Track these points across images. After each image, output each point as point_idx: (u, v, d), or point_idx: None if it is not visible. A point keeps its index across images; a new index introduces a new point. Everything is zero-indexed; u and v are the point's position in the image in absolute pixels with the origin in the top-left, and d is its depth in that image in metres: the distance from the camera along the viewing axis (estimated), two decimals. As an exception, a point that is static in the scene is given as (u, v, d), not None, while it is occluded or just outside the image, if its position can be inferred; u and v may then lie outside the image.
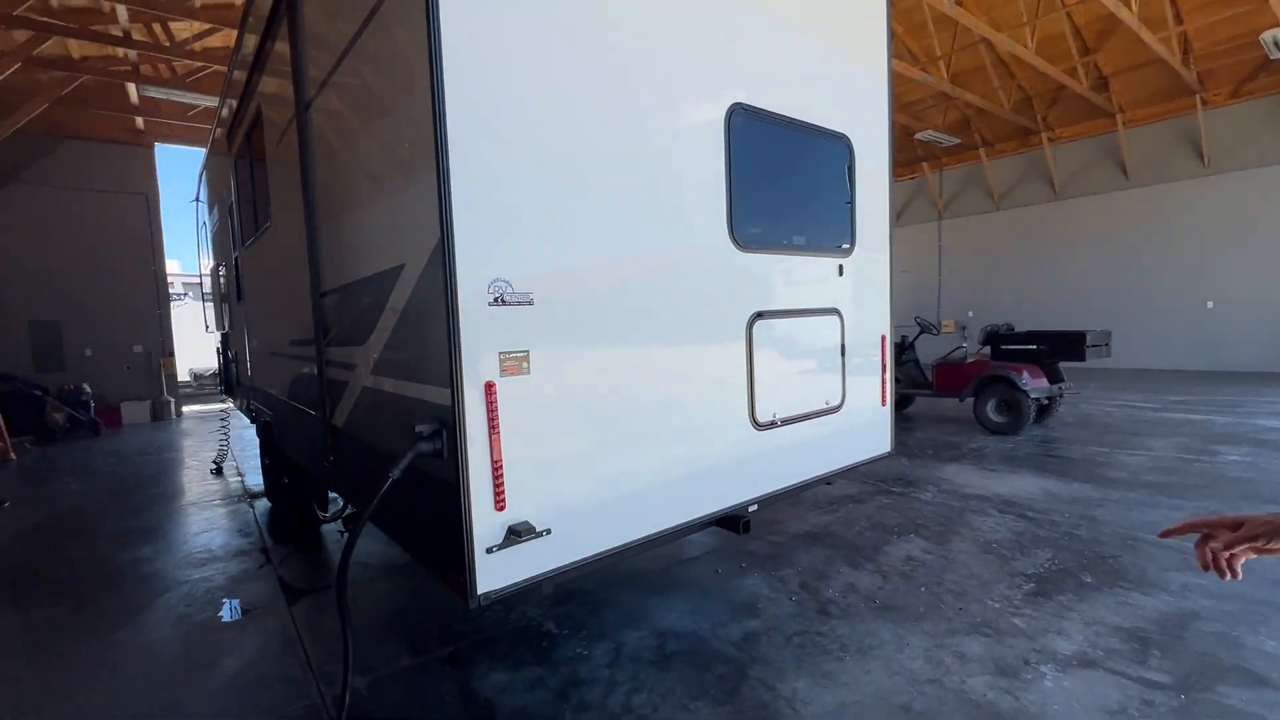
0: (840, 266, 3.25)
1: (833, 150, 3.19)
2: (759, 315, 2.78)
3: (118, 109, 11.62)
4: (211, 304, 7.60)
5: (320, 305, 3.02)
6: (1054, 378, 7.45)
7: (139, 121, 12.20)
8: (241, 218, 5.18)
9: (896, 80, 13.01)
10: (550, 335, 2.05)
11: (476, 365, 1.87)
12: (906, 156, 17.28)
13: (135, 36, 9.24)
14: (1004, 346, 7.78)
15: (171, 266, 13.40)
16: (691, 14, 2.49)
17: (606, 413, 2.22)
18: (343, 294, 2.75)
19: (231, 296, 6.38)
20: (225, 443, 7.71)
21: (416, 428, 1.89)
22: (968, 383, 7.69)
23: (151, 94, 10.13)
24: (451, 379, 1.83)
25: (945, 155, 16.80)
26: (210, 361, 16.63)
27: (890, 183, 3.57)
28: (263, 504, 5.75)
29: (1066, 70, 11.95)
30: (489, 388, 1.89)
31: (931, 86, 11.36)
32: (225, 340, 7.57)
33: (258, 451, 5.97)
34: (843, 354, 3.28)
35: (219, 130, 6.00)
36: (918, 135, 14.15)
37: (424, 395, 2.03)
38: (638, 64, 2.32)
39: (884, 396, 3.55)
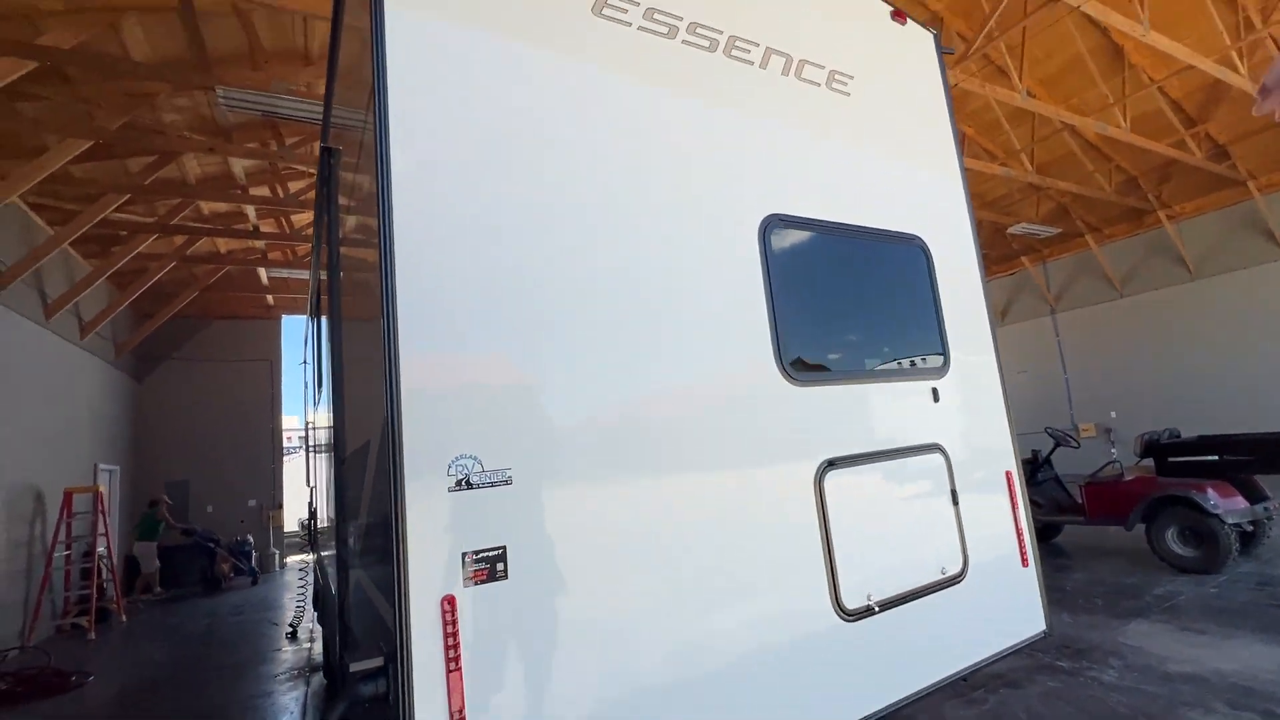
0: (934, 390, 2.59)
1: (905, 255, 2.68)
2: (830, 464, 2.17)
3: (252, 289, 13.34)
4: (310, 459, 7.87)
5: (340, 473, 2.76)
6: (1253, 495, 5.86)
7: (269, 298, 13.91)
8: (310, 379, 5.34)
9: (977, 178, 12.51)
10: (537, 524, 1.57)
11: (429, 573, 1.41)
12: (1001, 253, 16.26)
13: (263, 229, 10.71)
14: (1173, 459, 6.33)
15: (289, 421, 14.54)
16: (709, 124, 2.20)
17: (620, 625, 1.64)
18: (350, 463, 2.47)
19: (311, 454, 6.52)
20: (303, 605, 7.57)
21: (352, 666, 1.41)
22: (1133, 506, 6.23)
23: (278, 274, 11.54)
24: (395, 593, 1.37)
25: (1046, 246, 15.63)
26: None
27: (983, 283, 2.96)
28: (319, 679, 5.35)
29: (1173, 144, 10.96)
30: (447, 604, 1.41)
31: (1016, 180, 10.72)
32: (312, 495, 7.72)
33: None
34: (955, 502, 2.52)
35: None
36: (1010, 230, 13.28)
37: (379, 609, 1.58)
38: (640, 180, 2.01)
39: (1023, 554, 2.68)
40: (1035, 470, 7.21)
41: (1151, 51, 7.24)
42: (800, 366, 2.19)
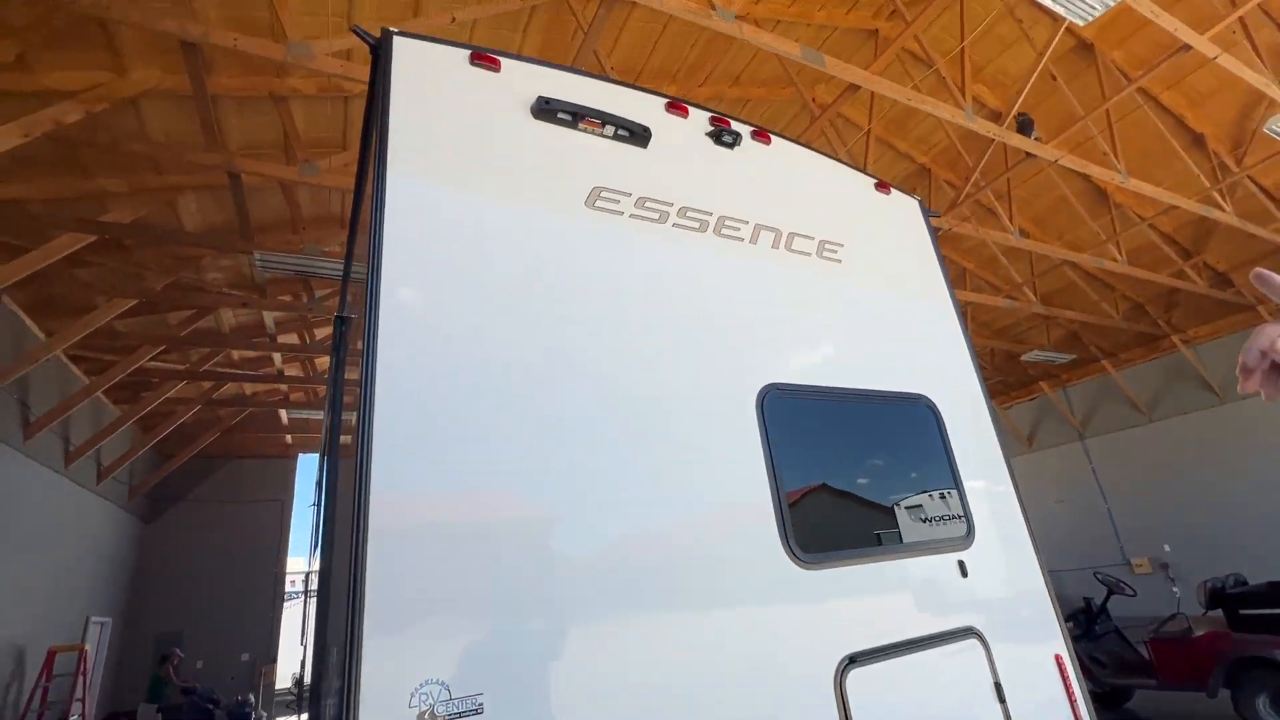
0: (960, 563, 2.39)
1: (912, 416, 2.60)
2: (852, 661, 1.93)
3: (272, 430, 13.54)
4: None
5: (324, 630, 2.55)
6: (1345, 654, 5.19)
7: (288, 438, 14.07)
8: (314, 521, 5.19)
9: (983, 309, 12.74)
10: (510, 763, 1.37)
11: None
12: (1018, 379, 16.15)
13: (288, 372, 11.09)
14: (1245, 611, 5.72)
15: (294, 564, 14.06)
16: (702, 298, 2.25)
17: None
18: (335, 616, 2.27)
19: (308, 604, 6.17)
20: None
21: None
22: (1212, 668, 5.53)
23: (298, 415, 11.75)
24: None
25: (1063, 372, 15.52)
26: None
27: (1000, 440, 2.84)
28: None
29: (1173, 274, 11.19)
30: None
31: (1023, 310, 10.90)
32: (304, 652, 7.20)
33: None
34: (1000, 698, 2.21)
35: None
36: (1024, 357, 13.28)
37: None
38: (632, 357, 2.00)
39: (1090, 761, 2.30)
40: (1091, 623, 6.54)
41: (1136, 192, 7.61)
42: (809, 546, 2.03)
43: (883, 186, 2.96)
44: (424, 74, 2.10)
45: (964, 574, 2.37)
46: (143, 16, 4.10)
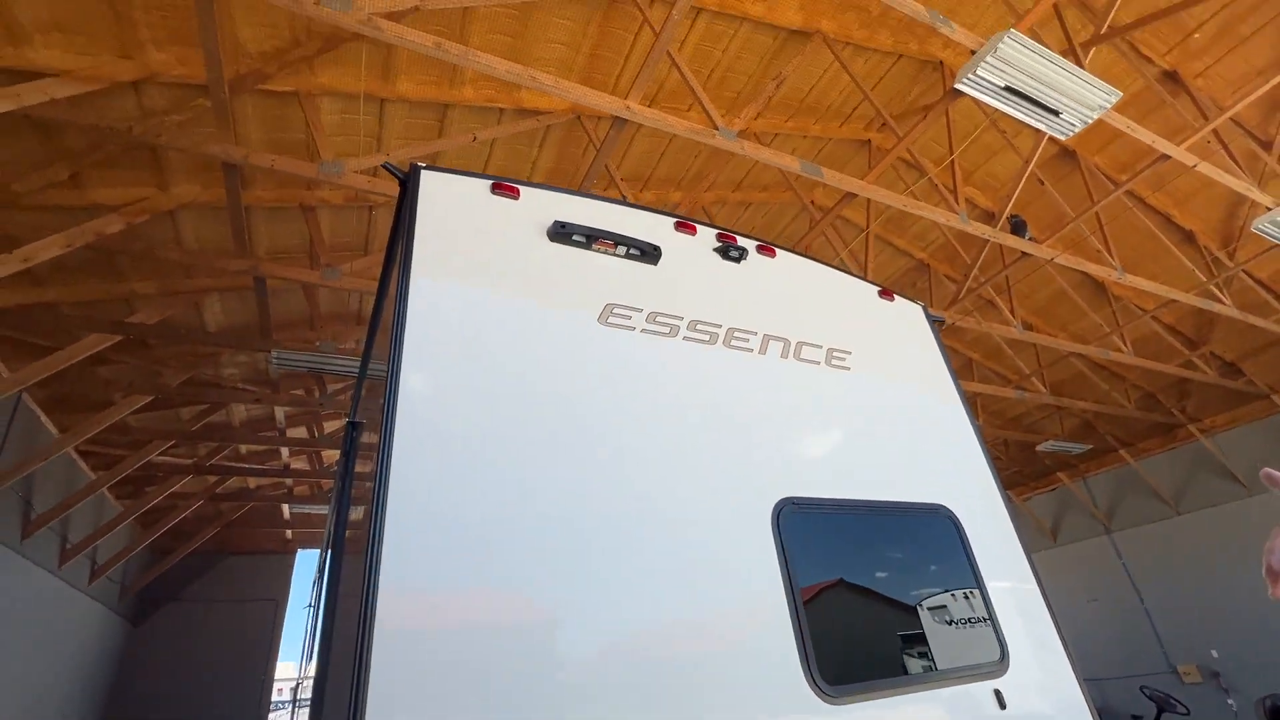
0: (997, 693, 2.23)
1: (933, 528, 2.53)
2: (888, 815, 1.76)
3: (273, 525, 13.27)
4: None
5: None
6: None
7: (288, 533, 13.75)
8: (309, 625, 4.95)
9: (993, 399, 12.68)
10: None
11: None
12: (1036, 469, 15.78)
13: (293, 465, 11.02)
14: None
15: (284, 670, 13.27)
16: (713, 410, 2.26)
17: None
18: None
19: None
20: None
21: None
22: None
23: (301, 509, 11.55)
24: None
25: (1081, 462, 15.17)
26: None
27: (1027, 552, 2.73)
28: None
29: (1182, 364, 11.18)
30: None
31: (1033, 400, 10.83)
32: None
33: None
34: None
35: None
36: (1039, 448, 13.04)
37: None
38: (642, 473, 1.98)
39: None
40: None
41: (1134, 287, 7.76)
42: (833, 675, 1.91)
43: (886, 293, 3.04)
44: (448, 203, 2.24)
45: (1002, 706, 2.21)
46: (190, 142, 4.46)
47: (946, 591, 2.40)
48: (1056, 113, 4.80)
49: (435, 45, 3.93)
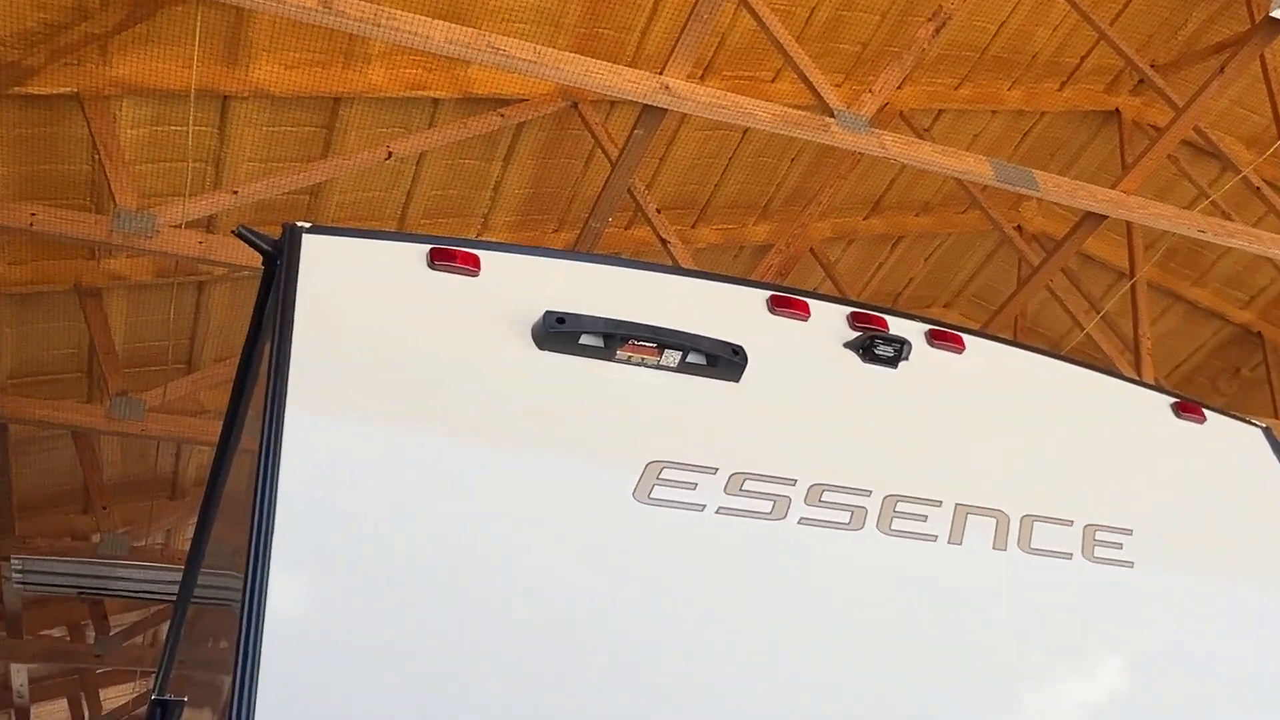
0: None
1: None
2: None
3: None
4: None
5: None
6: None
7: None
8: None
9: None
10: None
11: None
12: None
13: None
14: None
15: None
16: (867, 654, 1.36)
17: None
18: None
19: None
20: None
21: None
22: None
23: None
24: None
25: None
26: None
27: None
28: None
29: None
30: None
31: None
32: None
33: None
34: None
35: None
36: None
37: None
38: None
39: None
40: None
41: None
42: None
43: (1189, 408, 1.94)
44: (352, 289, 1.37)
45: None
46: None
47: None
48: None
49: (321, 4, 2.65)
